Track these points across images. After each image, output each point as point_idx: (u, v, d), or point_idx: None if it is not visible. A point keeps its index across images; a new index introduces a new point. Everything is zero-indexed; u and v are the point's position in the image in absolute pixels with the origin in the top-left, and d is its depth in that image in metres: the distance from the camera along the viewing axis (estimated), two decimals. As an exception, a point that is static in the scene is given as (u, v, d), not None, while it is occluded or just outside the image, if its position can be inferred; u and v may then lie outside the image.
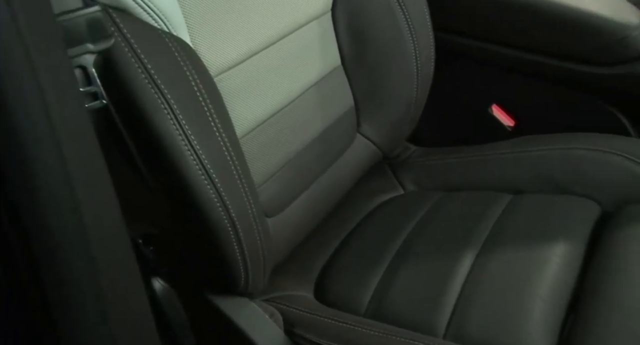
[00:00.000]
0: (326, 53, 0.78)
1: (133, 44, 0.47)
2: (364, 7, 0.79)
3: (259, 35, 0.66)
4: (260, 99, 0.67)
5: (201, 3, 0.59)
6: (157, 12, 0.52)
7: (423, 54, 0.84)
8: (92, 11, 0.43)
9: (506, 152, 0.86)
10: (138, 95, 0.47)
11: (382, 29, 0.80)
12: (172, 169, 0.50)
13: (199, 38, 0.58)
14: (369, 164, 0.89)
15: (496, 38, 0.92)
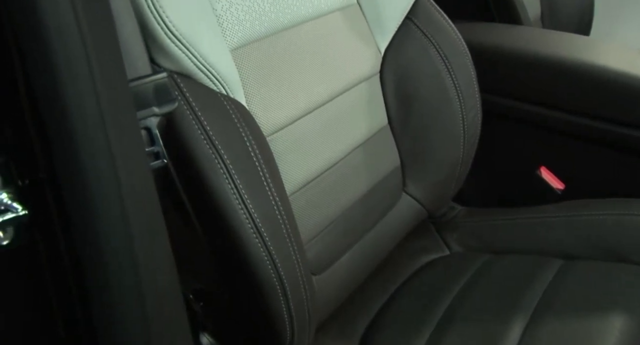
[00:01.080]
0: (374, 113, 0.80)
1: (194, 106, 0.50)
2: (411, 69, 0.81)
3: (310, 97, 0.68)
4: (310, 157, 0.68)
5: (257, 68, 0.62)
6: (217, 76, 0.55)
7: (469, 115, 0.84)
8: (160, 77, 0.46)
9: (556, 216, 0.84)
10: (196, 155, 0.49)
11: (430, 91, 0.82)
12: (225, 226, 0.51)
13: (254, 100, 0.61)
14: (414, 223, 0.89)
15: (544, 101, 0.92)
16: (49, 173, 0.38)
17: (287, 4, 0.67)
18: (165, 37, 0.49)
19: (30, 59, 0.36)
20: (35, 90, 0.36)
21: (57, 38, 0.34)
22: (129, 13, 0.47)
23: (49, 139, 0.37)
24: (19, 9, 0.35)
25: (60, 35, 0.34)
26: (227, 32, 0.59)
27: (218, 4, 0.59)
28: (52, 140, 0.37)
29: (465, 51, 0.84)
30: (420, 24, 0.82)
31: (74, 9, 0.34)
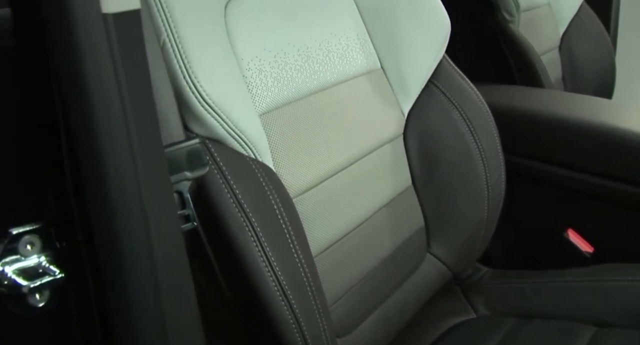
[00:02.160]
0: (398, 174, 0.81)
1: (225, 171, 0.52)
2: (434, 130, 0.83)
3: (335, 159, 0.70)
4: (335, 219, 0.69)
5: (284, 132, 0.64)
6: (246, 141, 0.57)
7: (493, 176, 0.85)
8: (192, 143, 0.48)
9: (585, 280, 0.82)
10: (226, 218, 0.51)
11: (453, 152, 0.83)
12: (252, 288, 0.52)
13: (281, 163, 0.63)
14: (439, 284, 0.88)
15: (568, 163, 0.92)
16: (86, 236, 0.40)
17: (314, 70, 0.70)
18: (199, 106, 0.52)
19: (75, 129, 0.38)
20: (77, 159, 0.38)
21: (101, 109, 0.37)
22: (167, 84, 0.50)
23: (87, 203, 0.38)
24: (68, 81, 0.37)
25: (104, 106, 0.37)
26: (256, 98, 0.62)
27: (248, 72, 0.62)
28: (90, 205, 0.39)
29: (487, 113, 0.86)
30: (443, 87, 0.84)
31: (117, 83, 0.37)
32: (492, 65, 1.20)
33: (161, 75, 0.49)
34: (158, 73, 0.48)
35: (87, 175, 0.38)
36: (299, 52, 0.68)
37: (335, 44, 0.74)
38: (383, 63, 0.81)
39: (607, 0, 1.46)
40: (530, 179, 0.99)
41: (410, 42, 0.80)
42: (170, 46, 0.51)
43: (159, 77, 0.49)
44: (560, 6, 1.42)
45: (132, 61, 0.38)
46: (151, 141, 0.40)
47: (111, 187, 0.37)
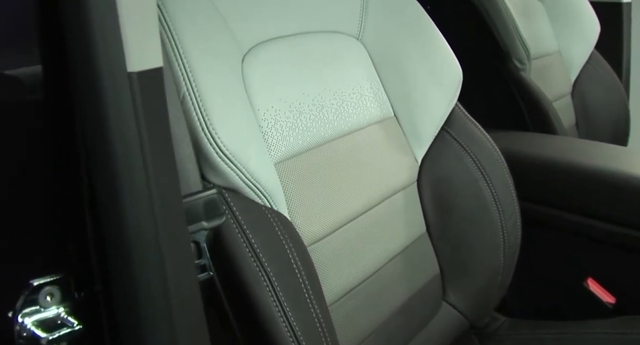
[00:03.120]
0: (411, 221, 0.81)
1: (241, 220, 0.53)
2: (448, 177, 0.84)
3: (349, 208, 0.70)
4: (349, 267, 0.69)
5: (299, 180, 0.65)
6: (262, 190, 0.58)
7: (509, 223, 0.84)
8: (210, 193, 0.49)
9: (606, 332, 0.80)
10: (241, 268, 0.51)
11: (467, 199, 0.83)
12: (267, 338, 0.52)
13: (295, 211, 0.64)
14: (455, 334, 0.86)
15: (584, 210, 0.92)
16: (104, 285, 0.40)
17: (328, 119, 0.71)
18: (216, 156, 0.53)
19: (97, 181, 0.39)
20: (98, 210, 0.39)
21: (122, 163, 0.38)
22: (186, 136, 0.51)
23: (106, 254, 0.39)
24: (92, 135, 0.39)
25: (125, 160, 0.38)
26: (272, 147, 0.63)
27: (264, 122, 0.63)
28: (109, 255, 0.39)
29: (500, 160, 0.86)
30: (456, 135, 0.85)
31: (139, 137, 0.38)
32: (504, 112, 1.22)
33: (180, 128, 0.51)
34: (178, 126, 0.50)
35: (107, 226, 0.39)
36: (313, 101, 0.70)
37: (349, 93, 0.76)
38: (396, 111, 0.83)
39: (617, 48, 1.48)
40: (547, 227, 0.98)
41: (423, 91, 0.82)
42: (189, 99, 0.53)
43: (179, 130, 0.50)
44: (571, 53, 1.45)
45: (154, 116, 0.39)
46: (170, 192, 0.41)
47: (130, 237, 0.38)
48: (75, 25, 0.37)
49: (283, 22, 0.70)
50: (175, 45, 0.53)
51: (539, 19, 1.39)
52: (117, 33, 0.36)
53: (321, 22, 0.75)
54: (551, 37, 1.41)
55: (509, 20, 1.15)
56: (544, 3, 1.44)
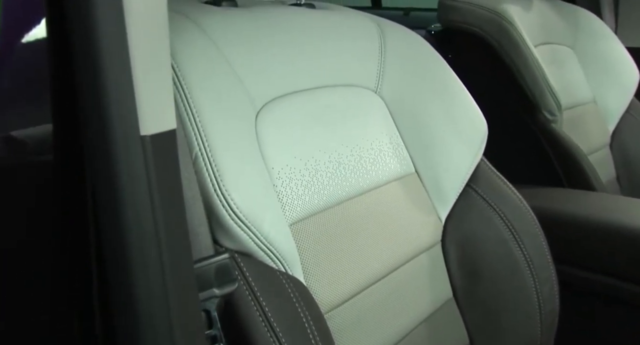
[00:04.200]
0: (436, 286, 0.82)
1: (254, 287, 0.54)
2: (475, 237, 0.84)
3: (369, 271, 0.71)
4: (369, 336, 0.69)
5: (315, 242, 0.66)
6: (276, 254, 0.60)
7: (544, 288, 0.84)
8: (222, 258, 0.51)
9: None
10: (255, 339, 0.52)
11: (497, 262, 0.84)
12: None
13: (311, 275, 0.65)
14: None
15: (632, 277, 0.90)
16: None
17: (345, 177, 0.73)
18: (229, 219, 0.55)
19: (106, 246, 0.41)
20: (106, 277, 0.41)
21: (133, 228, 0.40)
22: (197, 198, 0.54)
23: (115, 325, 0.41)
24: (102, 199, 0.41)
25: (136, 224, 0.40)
26: (286, 207, 0.65)
27: (278, 181, 0.66)
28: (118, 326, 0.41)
29: (532, 219, 0.87)
30: (482, 192, 0.86)
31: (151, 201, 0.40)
32: (535, 167, 1.23)
33: (192, 190, 0.53)
34: (189, 187, 0.53)
35: (115, 296, 0.41)
36: (329, 158, 0.72)
37: (367, 149, 0.78)
38: (417, 167, 0.85)
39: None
40: (589, 293, 0.97)
41: (446, 146, 0.84)
42: (202, 160, 0.56)
43: (190, 192, 0.53)
44: (608, 102, 1.45)
45: (167, 180, 0.42)
46: (182, 260, 0.43)
47: (140, 308, 0.40)
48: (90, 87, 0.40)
49: (298, 77, 0.73)
50: (188, 104, 0.57)
51: (570, 66, 1.42)
52: (131, 96, 0.39)
53: (337, 75, 0.79)
54: (584, 86, 1.44)
55: (536, 69, 1.18)
56: (575, 50, 1.47)
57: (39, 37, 0.43)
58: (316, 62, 0.76)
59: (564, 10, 1.48)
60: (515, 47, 1.17)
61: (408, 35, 0.89)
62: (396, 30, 0.89)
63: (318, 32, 0.78)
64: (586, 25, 1.48)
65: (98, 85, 0.40)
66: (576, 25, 1.48)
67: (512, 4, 1.23)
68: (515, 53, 1.18)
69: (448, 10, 1.24)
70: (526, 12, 1.28)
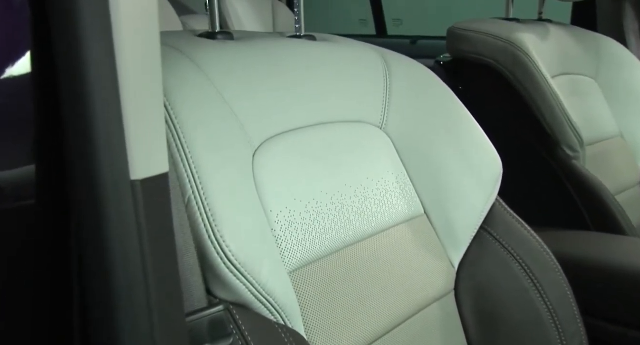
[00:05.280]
0: (450, 339, 0.82)
1: (250, 342, 0.55)
2: (491, 286, 0.85)
3: (376, 323, 0.72)
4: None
5: (316, 291, 0.67)
6: (274, 305, 0.60)
7: (572, 344, 0.84)
8: (216, 311, 0.52)
9: None
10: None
11: (516, 313, 0.84)
12: None
13: (313, 328, 0.66)
14: None
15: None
16: None
17: (349, 220, 0.75)
18: (224, 268, 0.57)
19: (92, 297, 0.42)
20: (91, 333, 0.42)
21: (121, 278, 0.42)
22: (190, 245, 0.55)
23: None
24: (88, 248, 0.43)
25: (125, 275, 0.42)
26: (285, 254, 0.67)
27: (277, 225, 0.67)
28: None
29: (555, 266, 0.87)
30: (498, 235, 0.87)
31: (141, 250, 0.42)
32: (556, 207, 1.23)
33: (185, 236, 0.55)
34: (182, 233, 0.54)
35: None
36: (332, 200, 0.74)
37: (372, 189, 0.80)
38: (427, 208, 0.86)
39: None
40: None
41: (457, 185, 0.86)
42: (195, 204, 0.57)
43: (182, 238, 0.54)
44: (636, 136, 1.46)
45: (157, 226, 0.43)
46: (172, 312, 0.44)
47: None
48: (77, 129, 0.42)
49: (298, 113, 0.75)
50: (181, 144, 0.59)
51: (593, 98, 1.43)
52: (121, 139, 0.41)
53: (340, 111, 0.81)
54: (609, 119, 1.45)
55: (555, 101, 1.20)
56: (598, 80, 1.48)
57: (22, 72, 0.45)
58: (317, 97, 0.78)
59: (584, 38, 1.50)
60: (531, 79, 1.19)
61: (415, 68, 0.91)
62: (402, 62, 0.91)
63: (319, 66, 0.80)
64: (609, 53, 1.50)
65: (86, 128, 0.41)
66: (598, 54, 1.50)
67: (526, 33, 1.25)
68: (532, 85, 1.19)
69: (458, 39, 1.26)
70: (542, 41, 1.31)
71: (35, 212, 0.47)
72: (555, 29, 1.42)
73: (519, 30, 1.25)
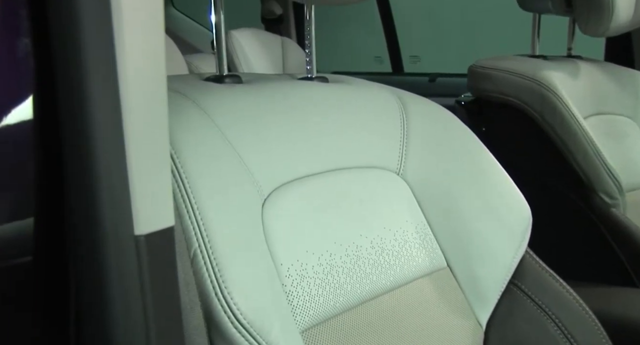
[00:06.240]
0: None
1: None
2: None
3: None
4: None
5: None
6: None
7: None
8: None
9: None
10: None
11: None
12: None
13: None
14: None
15: None
16: None
17: (365, 273, 0.76)
18: (231, 327, 0.58)
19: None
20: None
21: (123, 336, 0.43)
22: (195, 302, 0.56)
23: None
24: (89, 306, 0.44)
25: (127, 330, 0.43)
26: (297, 311, 0.67)
27: (288, 279, 0.68)
28: None
29: (596, 327, 0.86)
30: (530, 291, 0.87)
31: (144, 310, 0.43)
32: (594, 260, 1.22)
33: (190, 293, 0.56)
34: (186, 290, 0.55)
35: None
36: (346, 252, 0.75)
37: (390, 240, 0.81)
38: (450, 261, 0.87)
39: None
40: None
41: (482, 236, 0.86)
42: (201, 258, 0.59)
43: (187, 296, 0.55)
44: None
45: (161, 282, 0.45)
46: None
47: None
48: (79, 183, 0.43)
49: (310, 159, 0.77)
50: (187, 195, 0.60)
51: (632, 140, 1.42)
52: (125, 193, 0.42)
53: (354, 156, 0.82)
54: (651, 162, 1.43)
55: (588, 144, 1.20)
56: (637, 120, 1.48)
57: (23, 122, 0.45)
58: (330, 142, 0.80)
59: (619, 74, 1.51)
60: (561, 120, 1.20)
61: (434, 109, 0.93)
62: (420, 103, 0.93)
63: (332, 109, 0.83)
64: (649, 90, 1.50)
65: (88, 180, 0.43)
66: (636, 91, 1.50)
67: (554, 70, 1.26)
68: (562, 126, 1.20)
69: (479, 78, 1.28)
70: (573, 78, 1.32)
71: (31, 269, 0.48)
72: (587, 65, 1.43)
73: (546, 67, 1.27)
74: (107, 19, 0.42)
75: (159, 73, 0.45)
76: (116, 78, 0.42)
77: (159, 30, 0.44)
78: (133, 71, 0.43)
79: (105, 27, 0.42)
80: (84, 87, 0.42)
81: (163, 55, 0.45)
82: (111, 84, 0.43)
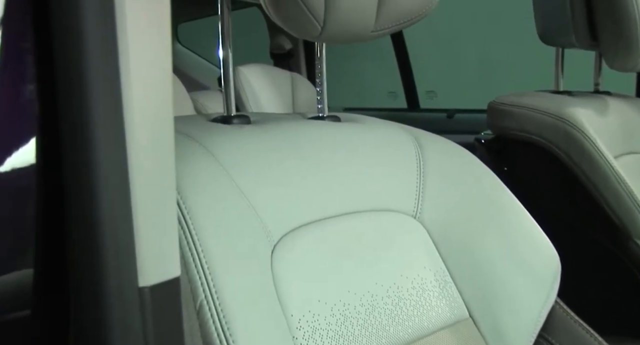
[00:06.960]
0: None
1: None
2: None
3: None
4: None
5: None
6: None
7: None
8: None
9: None
10: None
11: None
12: None
13: None
14: None
15: None
16: None
17: (381, 325, 0.75)
18: None
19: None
20: None
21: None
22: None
23: None
24: None
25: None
26: None
27: (299, 331, 0.68)
28: None
29: None
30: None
31: None
32: (631, 312, 1.20)
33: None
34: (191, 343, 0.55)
35: None
36: (361, 301, 0.75)
37: (407, 288, 0.80)
38: (472, 312, 0.86)
39: None
40: None
41: (507, 285, 0.86)
42: (208, 310, 0.59)
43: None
44: None
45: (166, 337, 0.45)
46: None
47: None
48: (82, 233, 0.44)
49: (321, 203, 0.78)
50: (194, 244, 0.61)
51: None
52: (130, 244, 0.43)
53: (368, 199, 0.83)
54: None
55: (620, 185, 1.19)
56: (670, 156, 1.48)
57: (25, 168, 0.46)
58: (342, 184, 0.81)
59: (651, 110, 1.51)
60: (589, 160, 1.19)
61: (452, 149, 0.94)
62: (437, 142, 0.94)
63: (344, 150, 0.83)
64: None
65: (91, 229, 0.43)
66: (670, 127, 1.50)
67: (580, 107, 1.26)
68: (590, 167, 1.19)
69: (500, 115, 1.28)
70: (600, 115, 1.31)
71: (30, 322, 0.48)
72: (616, 101, 1.43)
73: (571, 104, 1.27)
74: (114, 59, 0.43)
75: (166, 116, 0.46)
76: (122, 122, 0.43)
77: (166, 73, 0.46)
78: (140, 116, 0.44)
79: (111, 68, 0.43)
80: (89, 131, 0.43)
81: (171, 98, 0.46)
82: (117, 127, 0.44)
